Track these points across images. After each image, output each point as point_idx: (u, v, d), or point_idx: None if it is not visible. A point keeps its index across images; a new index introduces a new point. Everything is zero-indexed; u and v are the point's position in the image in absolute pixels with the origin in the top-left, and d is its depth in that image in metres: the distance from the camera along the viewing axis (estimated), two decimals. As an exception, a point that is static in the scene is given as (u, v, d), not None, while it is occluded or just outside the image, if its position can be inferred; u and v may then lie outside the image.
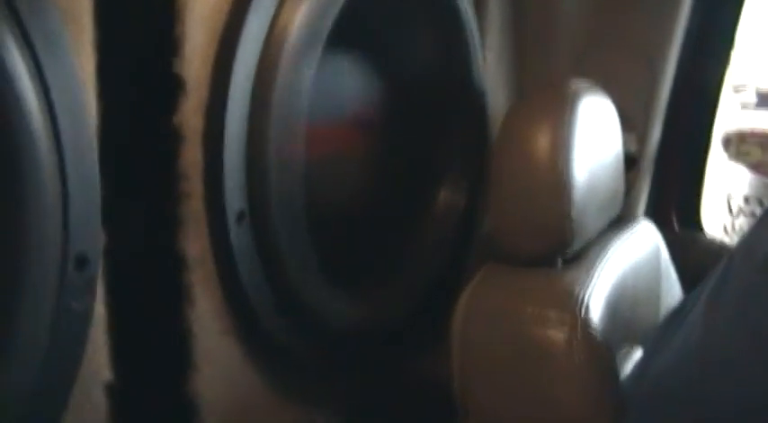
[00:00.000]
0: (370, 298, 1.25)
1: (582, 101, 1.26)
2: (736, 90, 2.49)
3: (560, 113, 1.22)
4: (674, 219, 1.74)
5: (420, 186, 1.37)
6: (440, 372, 1.26)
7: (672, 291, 1.55)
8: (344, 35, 1.17)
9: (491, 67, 1.49)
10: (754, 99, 2.64)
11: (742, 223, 2.36)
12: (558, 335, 1.13)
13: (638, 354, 1.27)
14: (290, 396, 1.18)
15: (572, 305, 1.15)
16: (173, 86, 0.94)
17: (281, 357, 1.12)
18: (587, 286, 1.19)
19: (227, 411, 1.05)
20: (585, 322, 1.14)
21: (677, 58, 1.57)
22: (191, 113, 0.96)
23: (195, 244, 0.98)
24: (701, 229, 1.76)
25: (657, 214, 1.67)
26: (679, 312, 1.15)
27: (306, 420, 1.19)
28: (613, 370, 1.18)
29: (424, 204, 1.37)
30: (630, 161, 1.57)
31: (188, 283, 0.98)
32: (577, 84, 1.30)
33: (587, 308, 1.15)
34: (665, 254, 1.56)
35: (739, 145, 2.47)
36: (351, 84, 1.27)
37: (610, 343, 1.17)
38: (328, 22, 1.09)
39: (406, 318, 1.30)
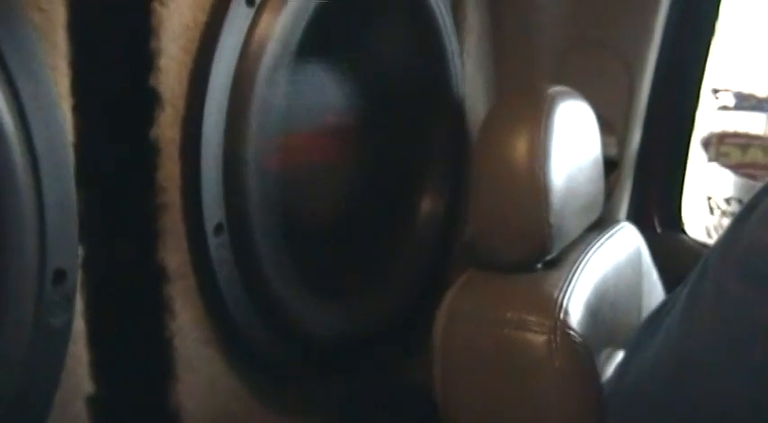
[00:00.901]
0: (352, 306, 1.26)
1: (559, 105, 1.27)
2: (715, 92, 2.50)
3: (537, 118, 1.23)
4: (656, 221, 1.75)
5: (401, 193, 1.38)
6: (426, 378, 1.27)
7: (654, 293, 1.56)
8: (319, 44, 1.18)
9: (470, 72, 1.49)
10: (732, 101, 2.66)
11: (724, 224, 2.38)
12: (537, 339, 1.14)
13: (620, 356, 1.28)
14: (274, 406, 1.18)
15: (551, 309, 1.16)
16: (148, 100, 0.94)
17: (263, 367, 1.12)
18: (566, 290, 1.20)
19: (208, 420, 1.06)
20: (565, 326, 1.15)
21: (656, 61, 1.58)
22: (167, 126, 0.96)
23: (174, 256, 0.99)
24: (682, 230, 1.77)
25: (639, 217, 1.69)
26: (658, 314, 1.15)
27: (287, 428, 1.20)
28: (594, 372, 1.18)
29: (405, 211, 1.38)
30: (611, 164, 1.58)
31: (168, 295, 0.99)
32: (554, 88, 1.31)
33: (566, 311, 1.16)
34: (646, 256, 1.57)
35: (719, 146, 2.48)
36: (328, 92, 1.27)
37: (590, 346, 1.17)
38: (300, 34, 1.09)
39: (389, 325, 1.31)
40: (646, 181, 1.70)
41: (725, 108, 2.52)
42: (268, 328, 1.10)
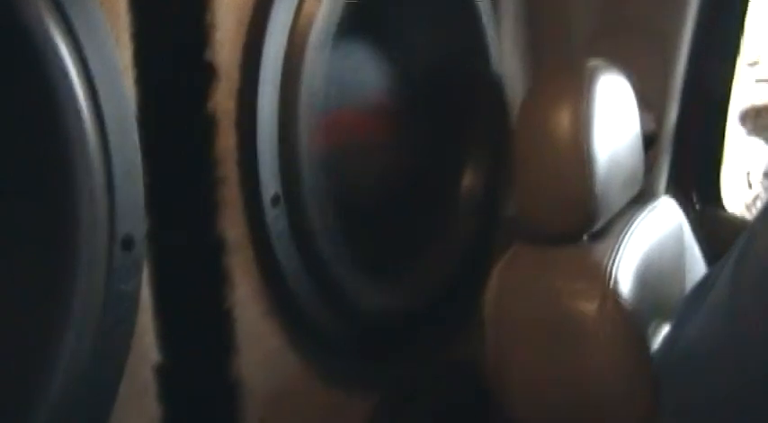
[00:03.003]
0: (400, 282, 1.27)
1: (599, 79, 1.27)
2: (751, 65, 2.48)
3: (579, 91, 1.24)
4: (695, 196, 1.75)
5: (444, 172, 1.39)
6: (472, 353, 1.28)
7: (696, 267, 1.55)
8: (363, 24, 1.19)
9: (507, 53, 1.50)
10: (768, 73, 2.64)
11: (763, 199, 2.36)
12: (588, 306, 1.15)
13: (666, 329, 1.28)
14: (332, 383, 1.19)
15: (600, 277, 1.17)
16: (205, 73, 0.96)
17: (318, 339, 1.13)
18: (614, 259, 1.21)
19: (269, 392, 1.07)
20: (615, 293, 1.15)
21: (691, 37, 1.58)
22: (223, 98, 0.98)
23: (233, 228, 1.00)
24: (721, 205, 1.77)
25: (678, 192, 1.68)
26: (703, 286, 1.16)
27: (343, 403, 1.20)
28: (644, 341, 1.19)
29: (448, 190, 1.39)
30: (649, 140, 1.58)
31: (228, 266, 1.00)
32: (594, 63, 1.31)
33: (616, 279, 1.17)
34: (687, 230, 1.57)
35: (756, 119, 2.47)
36: (371, 73, 1.29)
37: (640, 314, 1.18)
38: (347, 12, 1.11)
39: (436, 300, 1.31)
40: (684, 156, 1.69)
41: (761, 80, 2.50)
42: (325, 302, 1.11)
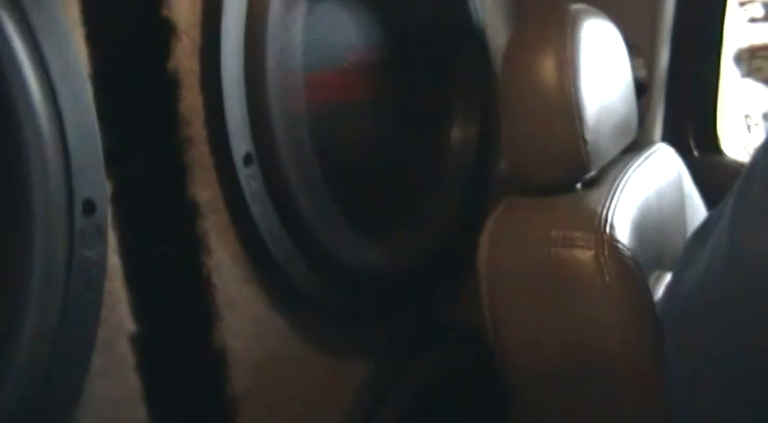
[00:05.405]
0: (391, 240, 1.23)
1: (584, 22, 1.24)
2: (743, 4, 2.43)
3: (562, 35, 1.20)
4: (692, 143, 1.71)
5: (431, 127, 1.35)
6: (469, 313, 1.24)
7: (697, 214, 1.52)
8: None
9: (488, 2, 1.46)
10: (761, 12, 2.57)
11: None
12: (585, 254, 1.11)
13: (668, 278, 1.24)
14: (324, 348, 1.16)
15: (596, 224, 1.13)
16: (163, 30, 0.92)
17: (306, 305, 1.10)
18: (610, 206, 1.17)
19: (254, 361, 1.03)
20: (612, 240, 1.12)
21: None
22: (185, 57, 0.94)
23: (205, 190, 0.96)
24: (720, 151, 1.73)
25: (675, 140, 1.65)
26: (704, 229, 1.12)
27: (333, 370, 1.17)
28: (646, 287, 1.15)
29: (436, 145, 1.35)
30: (641, 87, 1.54)
31: (202, 230, 0.97)
32: (576, 6, 1.28)
33: (612, 226, 1.13)
34: (687, 177, 1.54)
35: (751, 61, 2.42)
36: (351, 30, 1.25)
37: (639, 262, 1.14)
38: None
39: (430, 260, 1.28)
40: (678, 102, 1.66)
41: (754, 20, 2.44)
42: (308, 263, 1.07)
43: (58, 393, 0.79)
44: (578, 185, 1.23)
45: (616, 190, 1.23)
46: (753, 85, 2.44)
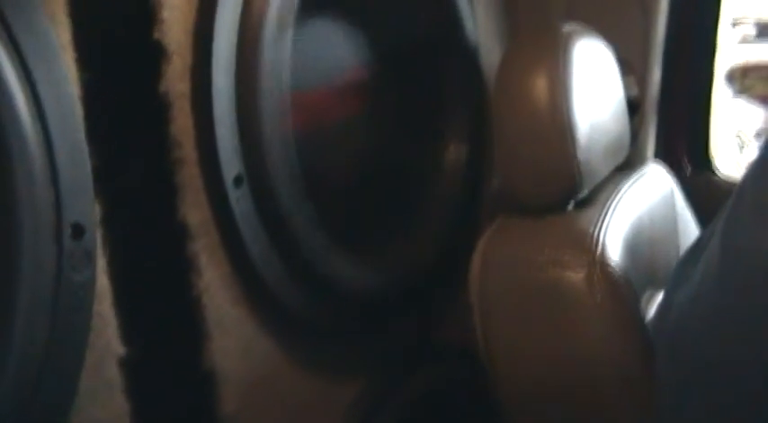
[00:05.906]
0: (382, 260, 1.23)
1: (576, 42, 1.24)
2: (735, 23, 2.43)
3: (554, 55, 1.20)
4: (685, 161, 1.71)
5: (423, 145, 1.35)
6: (460, 330, 1.24)
7: (689, 233, 1.52)
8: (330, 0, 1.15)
9: (481, 19, 1.46)
10: (753, 31, 2.58)
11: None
12: (576, 276, 1.11)
13: (661, 297, 1.24)
14: (313, 369, 1.16)
15: (587, 245, 1.13)
16: (154, 52, 0.92)
17: (298, 328, 1.10)
18: (602, 226, 1.17)
19: (244, 381, 1.03)
20: (603, 260, 1.12)
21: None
22: (176, 79, 0.94)
23: (195, 212, 0.97)
24: (712, 169, 1.73)
25: (667, 157, 1.64)
26: (695, 249, 1.12)
27: (324, 390, 1.17)
28: (637, 309, 1.15)
29: (428, 163, 1.35)
30: (633, 105, 1.54)
31: (192, 251, 0.97)
32: (569, 26, 1.28)
33: (603, 246, 1.13)
34: (679, 196, 1.54)
35: (743, 79, 2.43)
36: (342, 48, 1.25)
37: (631, 282, 1.14)
38: None
39: (421, 279, 1.28)
40: (670, 121, 1.65)
41: (746, 39, 2.45)
42: (298, 284, 1.07)
43: (45, 416, 0.78)
44: (570, 205, 1.23)
45: (608, 209, 1.23)
46: (745, 103, 2.45)
